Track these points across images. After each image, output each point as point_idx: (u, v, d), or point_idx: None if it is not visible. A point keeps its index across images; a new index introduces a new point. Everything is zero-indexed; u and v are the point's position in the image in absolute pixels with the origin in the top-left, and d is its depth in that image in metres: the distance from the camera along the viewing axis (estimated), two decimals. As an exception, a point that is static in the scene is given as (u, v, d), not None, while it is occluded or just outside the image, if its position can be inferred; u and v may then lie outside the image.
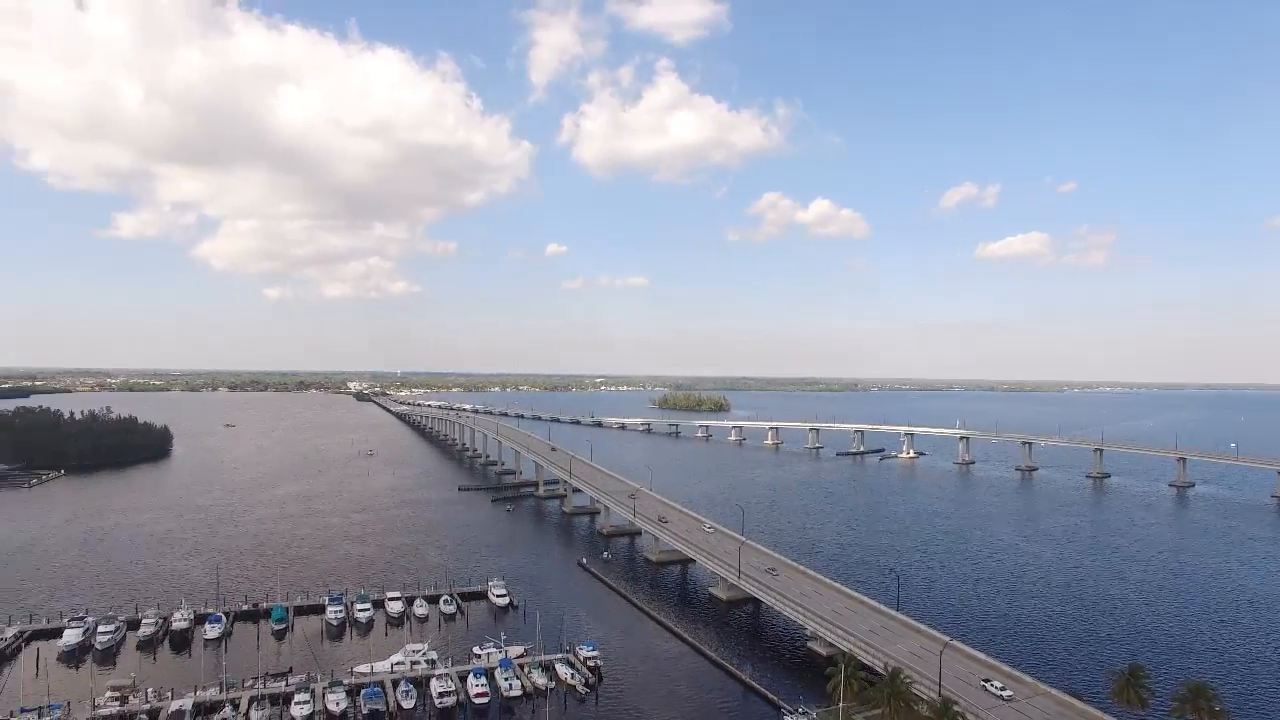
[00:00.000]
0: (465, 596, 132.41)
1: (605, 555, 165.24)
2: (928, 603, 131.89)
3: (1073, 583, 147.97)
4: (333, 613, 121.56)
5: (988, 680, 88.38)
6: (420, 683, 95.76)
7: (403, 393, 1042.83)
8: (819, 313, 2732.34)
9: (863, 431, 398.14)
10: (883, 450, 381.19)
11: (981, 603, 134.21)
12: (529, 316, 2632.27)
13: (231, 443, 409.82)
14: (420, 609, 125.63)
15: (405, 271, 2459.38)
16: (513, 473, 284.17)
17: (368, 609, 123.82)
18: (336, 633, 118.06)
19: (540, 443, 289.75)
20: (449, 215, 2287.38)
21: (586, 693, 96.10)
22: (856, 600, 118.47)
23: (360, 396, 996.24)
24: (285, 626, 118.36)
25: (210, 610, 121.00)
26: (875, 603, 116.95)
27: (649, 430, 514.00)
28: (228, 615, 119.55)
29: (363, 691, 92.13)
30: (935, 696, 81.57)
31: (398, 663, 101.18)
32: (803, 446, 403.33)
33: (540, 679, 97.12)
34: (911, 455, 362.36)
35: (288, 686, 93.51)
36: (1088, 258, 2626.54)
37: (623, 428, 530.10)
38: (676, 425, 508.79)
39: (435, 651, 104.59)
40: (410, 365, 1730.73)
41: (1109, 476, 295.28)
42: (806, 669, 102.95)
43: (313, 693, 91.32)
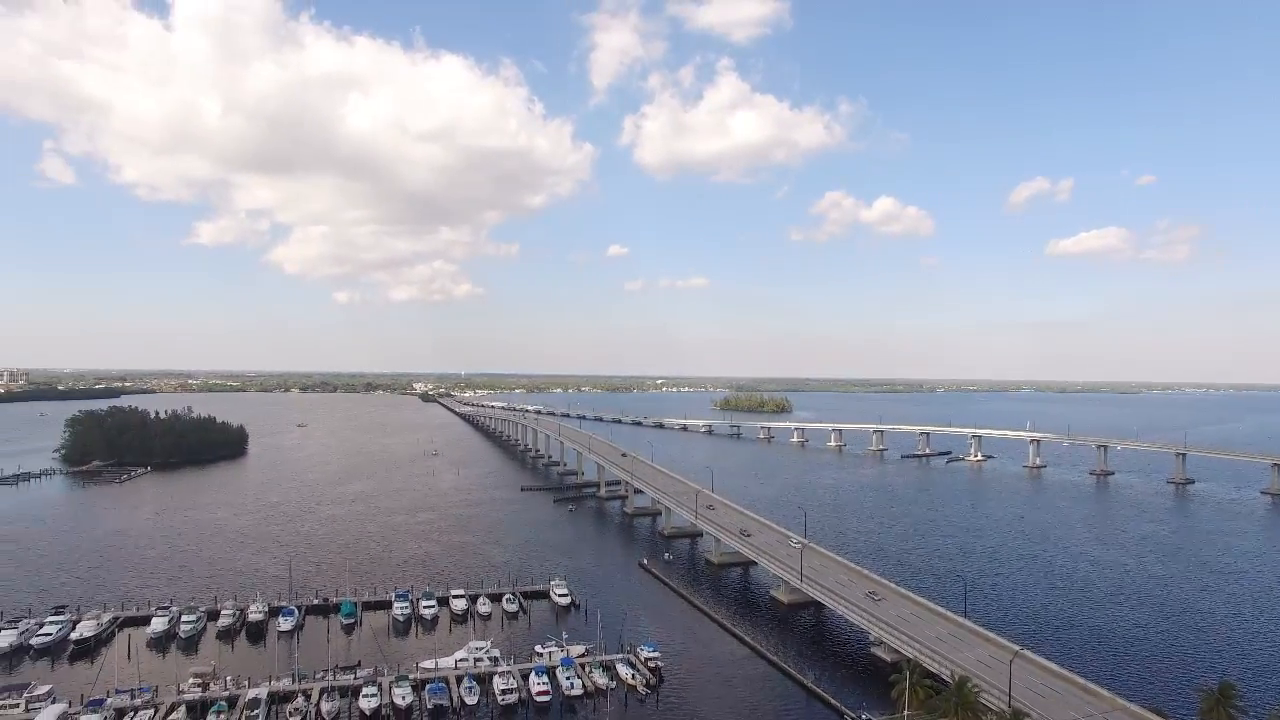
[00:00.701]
0: (528, 595, 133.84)
1: (666, 556, 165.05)
2: (996, 610, 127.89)
3: (1154, 593, 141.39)
4: (399, 609, 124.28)
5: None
6: (483, 679, 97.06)
7: (467, 394, 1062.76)
8: (883, 313, 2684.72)
9: (928, 434, 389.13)
10: (949, 453, 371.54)
11: (1054, 611, 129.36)
12: (591, 318, 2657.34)
13: (303, 442, 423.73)
14: (483, 607, 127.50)
15: (469, 274, 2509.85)
16: (574, 473, 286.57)
17: (433, 606, 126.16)
18: (403, 628, 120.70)
19: (602, 443, 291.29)
20: (512, 218, 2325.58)
21: (647, 693, 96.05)
22: (922, 605, 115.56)
23: (425, 397, 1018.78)
24: (354, 621, 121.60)
25: (284, 603, 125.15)
26: (942, 609, 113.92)
27: (711, 432, 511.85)
28: (300, 609, 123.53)
29: (427, 687, 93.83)
30: (1005, 707, 78.98)
31: (461, 659, 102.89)
32: (866, 449, 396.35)
33: (601, 678, 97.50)
34: (979, 458, 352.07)
35: (356, 679, 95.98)
36: (1170, 253, 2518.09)
37: (684, 429, 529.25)
38: (738, 427, 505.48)
39: (498, 649, 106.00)
40: (474, 366, 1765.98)
41: (1193, 483, 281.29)
42: (870, 675, 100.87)
43: (380, 686, 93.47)
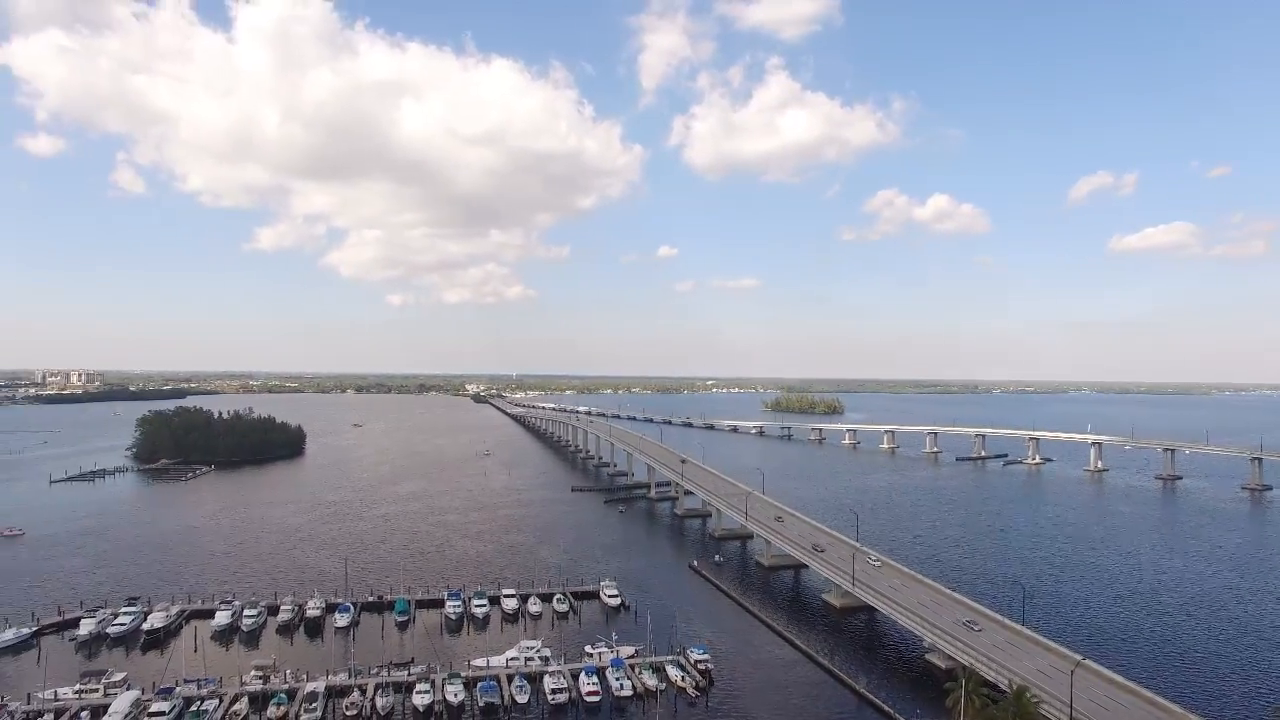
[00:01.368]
0: (578, 596, 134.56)
1: (717, 558, 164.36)
2: (1056, 618, 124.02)
3: (1228, 606, 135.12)
4: (451, 607, 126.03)
5: None
6: (534, 679, 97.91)
7: (518, 395, 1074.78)
8: (937, 312, 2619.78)
9: (984, 436, 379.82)
10: (1006, 455, 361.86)
11: (1118, 622, 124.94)
12: (641, 319, 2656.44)
13: (358, 442, 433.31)
14: (534, 606, 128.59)
15: (521, 276, 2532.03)
16: (625, 474, 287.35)
17: (484, 605, 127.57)
18: (455, 626, 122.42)
19: (653, 445, 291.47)
20: (562, 220, 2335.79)
21: (697, 696, 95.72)
22: (978, 612, 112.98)
23: (478, 398, 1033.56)
24: (408, 618, 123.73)
25: (340, 600, 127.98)
26: (998, 615, 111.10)
27: (761, 433, 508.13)
28: (355, 605, 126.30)
29: (479, 685, 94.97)
30: (1065, 719, 76.68)
31: (512, 658, 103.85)
32: (920, 451, 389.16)
33: (651, 680, 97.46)
34: (1037, 461, 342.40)
35: (409, 676, 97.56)
36: (1243, 248, 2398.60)
37: (735, 430, 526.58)
38: (789, 428, 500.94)
39: (549, 649, 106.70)
40: (526, 368, 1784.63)
41: (1270, 489, 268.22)
42: (924, 682, 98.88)
43: (433, 683, 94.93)
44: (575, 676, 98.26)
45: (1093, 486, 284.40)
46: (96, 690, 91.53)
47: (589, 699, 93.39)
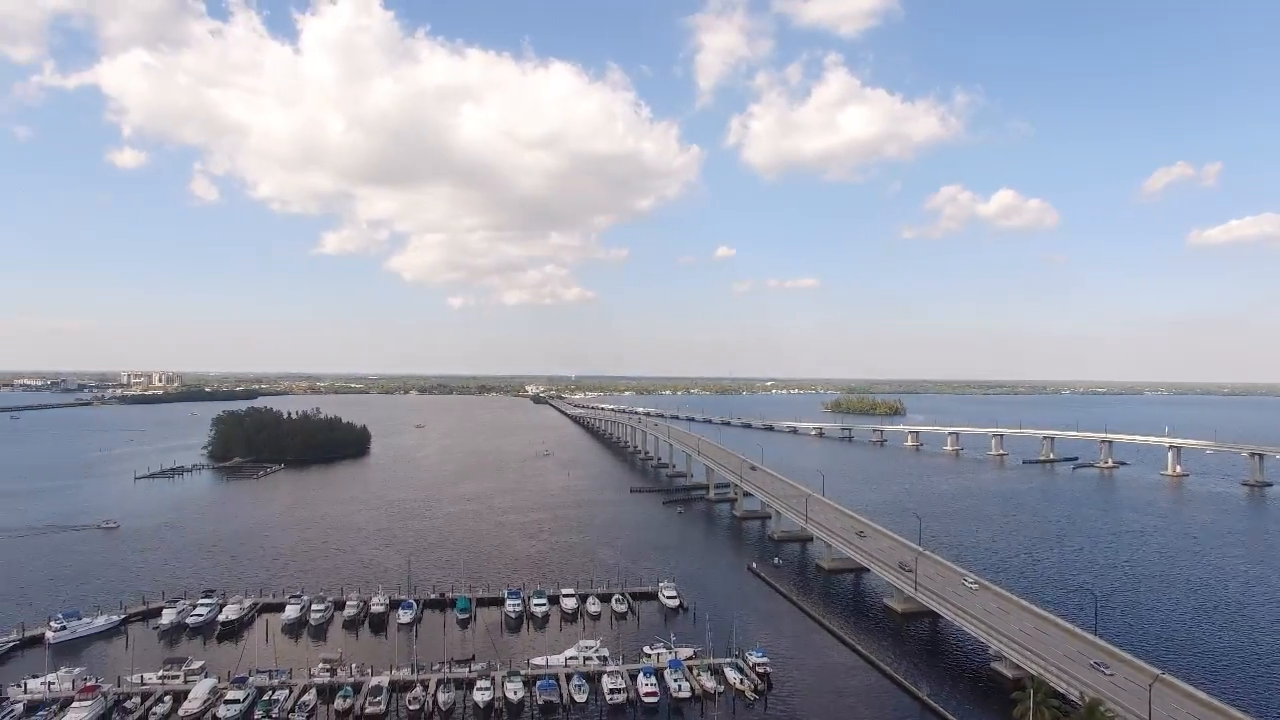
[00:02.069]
0: (636, 596, 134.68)
1: (776, 561, 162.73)
2: (1132, 630, 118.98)
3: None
4: (511, 606, 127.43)
5: None
6: (592, 678, 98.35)
7: (577, 395, 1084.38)
8: (1003, 311, 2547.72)
9: (1053, 438, 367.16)
10: (1076, 459, 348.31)
11: (1200, 635, 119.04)
12: (699, 320, 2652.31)
13: (421, 442, 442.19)
14: (593, 606, 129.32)
15: (579, 278, 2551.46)
16: (683, 475, 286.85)
17: (544, 604, 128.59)
18: (514, 625, 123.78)
19: (711, 445, 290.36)
20: (620, 222, 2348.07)
21: (755, 699, 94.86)
22: (1047, 620, 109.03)
23: (537, 399, 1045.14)
24: (469, 616, 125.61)
25: (403, 597, 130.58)
26: (1069, 624, 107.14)
27: (821, 434, 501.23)
28: (418, 602, 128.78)
29: (538, 683, 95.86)
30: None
31: (571, 657, 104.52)
32: (985, 453, 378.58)
33: (709, 682, 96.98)
34: (1110, 465, 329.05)
35: (470, 673, 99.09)
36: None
37: (794, 431, 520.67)
38: (849, 429, 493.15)
39: (607, 649, 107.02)
40: (584, 369, 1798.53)
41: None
42: (989, 691, 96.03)
43: (493, 681, 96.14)
44: (633, 677, 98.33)
45: (1171, 492, 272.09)
46: (178, 677, 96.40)
47: (647, 700, 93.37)
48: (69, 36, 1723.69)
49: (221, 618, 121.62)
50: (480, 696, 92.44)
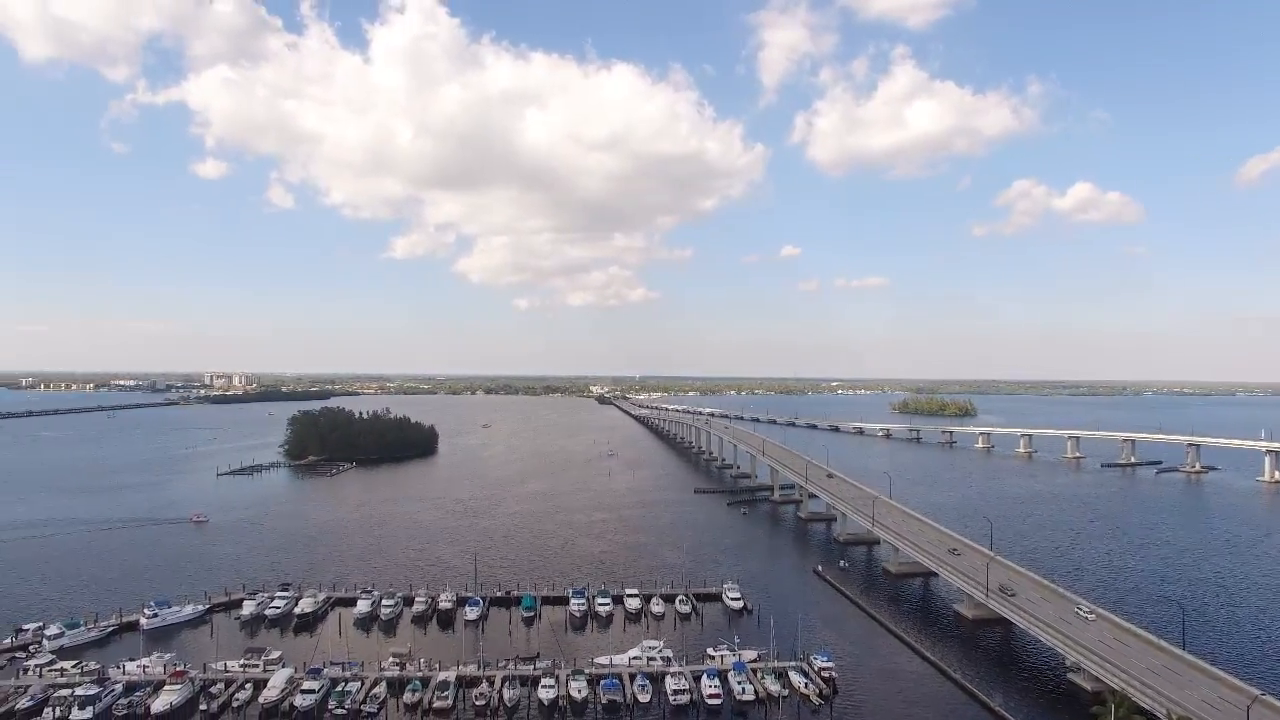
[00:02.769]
0: (700, 598, 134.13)
1: (842, 563, 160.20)
2: (1226, 646, 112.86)
3: None
4: (575, 605, 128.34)
5: None
6: (656, 679, 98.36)
7: (641, 396, 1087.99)
8: (1079, 308, 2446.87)
9: (1133, 441, 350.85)
10: (1160, 463, 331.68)
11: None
12: (764, 320, 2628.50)
13: (487, 442, 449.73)
14: (657, 607, 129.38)
15: (643, 278, 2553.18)
16: (748, 476, 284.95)
17: (608, 604, 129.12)
18: (579, 624, 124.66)
19: (775, 446, 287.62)
20: (684, 222, 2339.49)
21: (820, 704, 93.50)
22: (1129, 632, 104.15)
23: (601, 400, 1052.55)
24: (533, 614, 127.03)
25: (470, 594, 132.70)
26: (1154, 637, 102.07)
27: (888, 435, 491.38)
28: (484, 600, 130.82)
29: (602, 682, 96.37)
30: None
31: (635, 657, 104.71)
32: (1060, 456, 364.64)
33: (773, 685, 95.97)
34: (1198, 470, 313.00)
35: (535, 670, 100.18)
36: None
37: (860, 432, 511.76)
38: (918, 431, 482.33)
39: (670, 649, 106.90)
40: (648, 369, 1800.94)
41: None
42: (1067, 703, 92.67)
43: (557, 678, 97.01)
44: (697, 678, 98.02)
45: (1269, 499, 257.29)
46: (257, 665, 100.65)
47: (710, 701, 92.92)
48: (160, 56, 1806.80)
49: (298, 610, 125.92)
50: (545, 694, 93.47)
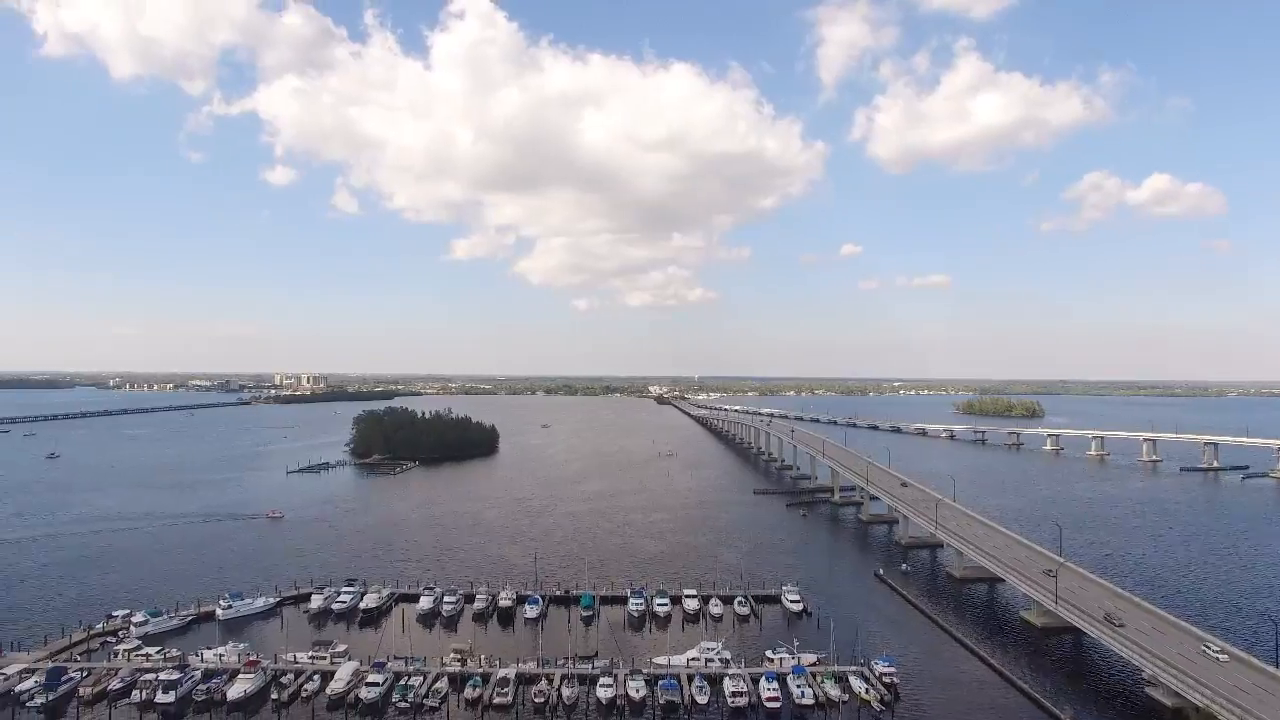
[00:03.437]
0: (759, 600, 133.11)
1: (904, 567, 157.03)
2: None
3: None
4: (634, 605, 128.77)
5: None
6: (714, 680, 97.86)
7: (700, 396, 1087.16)
8: (1155, 305, 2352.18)
9: (1215, 444, 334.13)
10: (1246, 468, 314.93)
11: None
12: (824, 319, 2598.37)
13: (547, 442, 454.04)
14: (715, 608, 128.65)
15: (702, 279, 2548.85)
16: (808, 477, 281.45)
17: (666, 604, 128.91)
18: (637, 624, 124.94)
19: (836, 447, 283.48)
20: (743, 222, 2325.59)
21: (881, 710, 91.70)
22: (1268, 674, 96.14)
23: (660, 400, 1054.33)
24: (592, 613, 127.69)
25: (529, 592, 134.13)
26: (1243, 653, 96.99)
27: (952, 437, 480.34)
28: (544, 598, 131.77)
29: (660, 682, 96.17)
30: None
31: (693, 658, 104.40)
32: (1135, 459, 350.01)
33: (833, 690, 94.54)
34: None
35: (593, 669, 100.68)
36: None
37: (923, 434, 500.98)
38: (983, 432, 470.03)
39: (729, 651, 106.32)
40: (707, 370, 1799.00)
41: None
42: (1143, 719, 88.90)
43: (615, 678, 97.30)
44: (755, 681, 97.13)
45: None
46: (324, 658, 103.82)
47: (769, 704, 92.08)
48: (233, 68, 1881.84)
49: (363, 605, 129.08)
50: (603, 693, 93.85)
